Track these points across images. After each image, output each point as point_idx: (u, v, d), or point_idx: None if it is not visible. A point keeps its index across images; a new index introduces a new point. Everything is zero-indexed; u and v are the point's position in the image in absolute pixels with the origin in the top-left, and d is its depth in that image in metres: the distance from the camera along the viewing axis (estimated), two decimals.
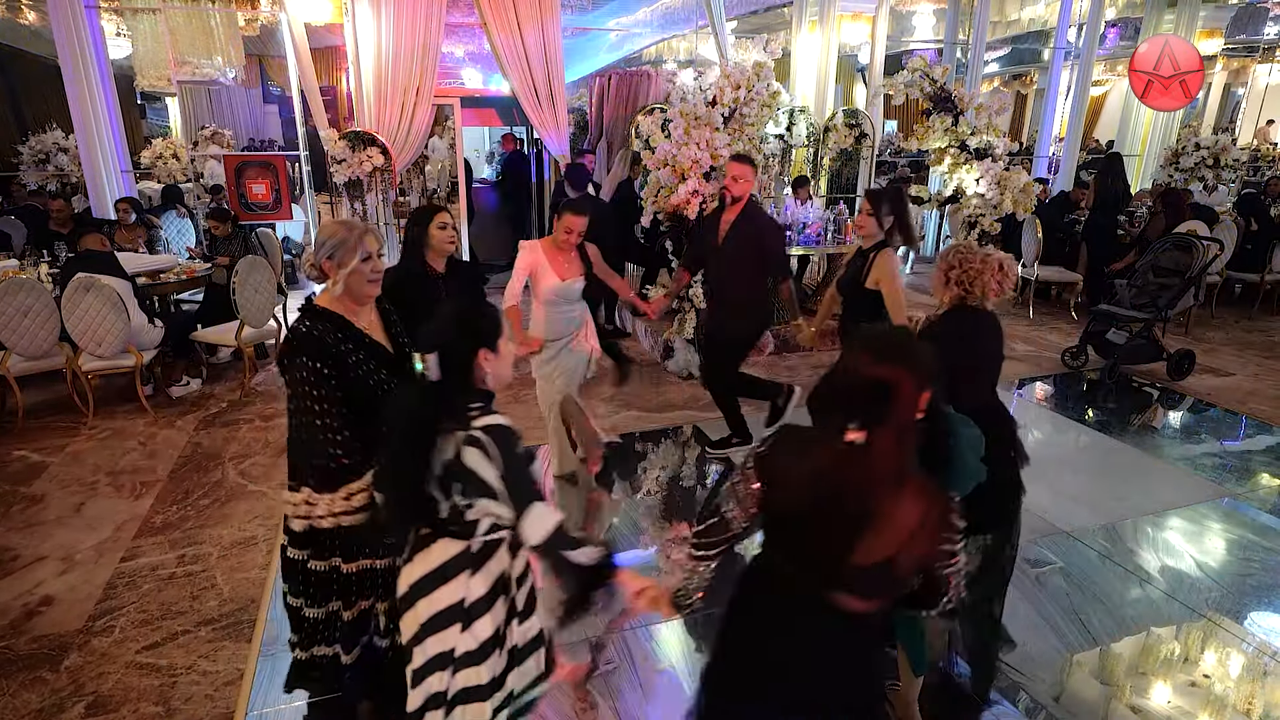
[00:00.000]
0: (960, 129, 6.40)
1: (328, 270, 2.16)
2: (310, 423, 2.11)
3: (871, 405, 1.45)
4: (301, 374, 2.09)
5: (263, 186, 7.75)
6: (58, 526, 3.97)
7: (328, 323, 2.15)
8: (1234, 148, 9.78)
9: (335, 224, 2.21)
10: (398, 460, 1.84)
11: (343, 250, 2.13)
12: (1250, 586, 3.51)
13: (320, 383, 2.09)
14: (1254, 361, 6.79)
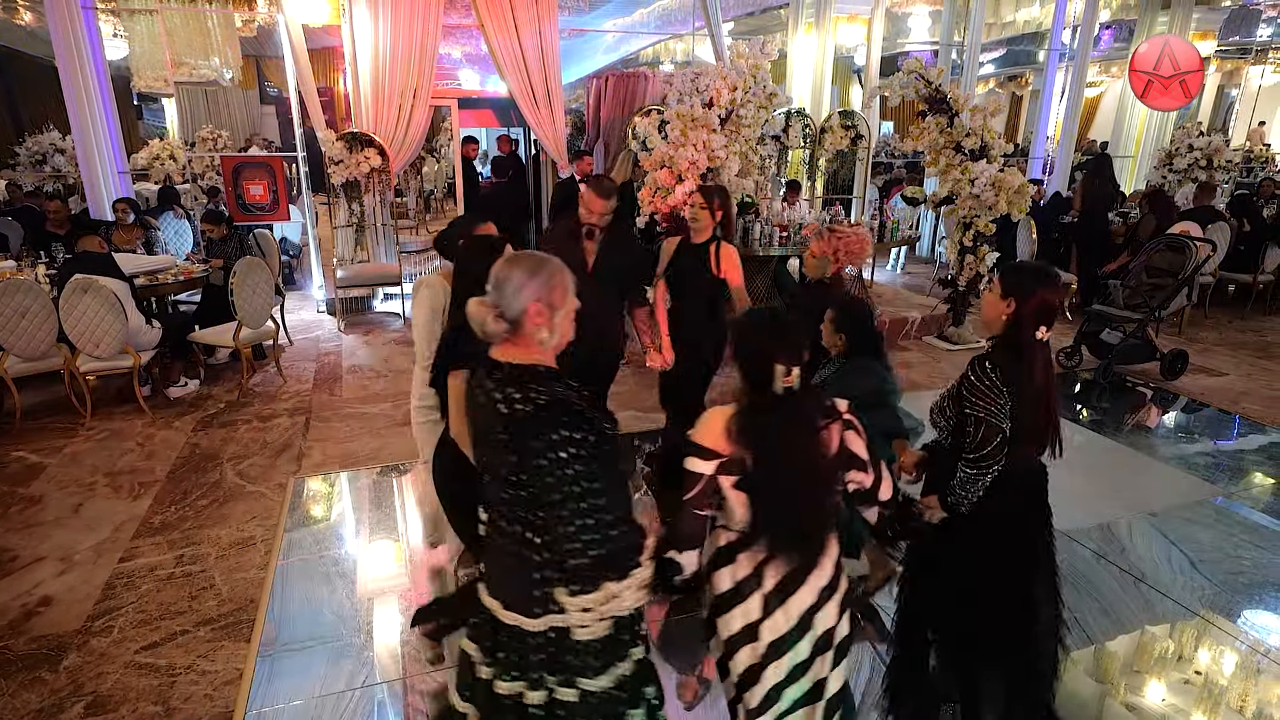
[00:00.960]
0: (955, 130, 6.43)
1: (538, 317, 1.68)
2: (593, 505, 1.59)
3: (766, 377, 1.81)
4: (568, 450, 1.57)
5: (260, 188, 7.75)
6: (56, 527, 3.98)
7: (554, 382, 1.66)
8: (1227, 149, 9.82)
9: (523, 258, 1.72)
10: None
11: (555, 288, 1.70)
12: (1243, 585, 3.53)
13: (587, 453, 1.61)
14: (1247, 361, 6.83)
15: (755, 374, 1.82)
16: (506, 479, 1.65)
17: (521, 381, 1.64)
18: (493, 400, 1.65)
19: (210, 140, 10.57)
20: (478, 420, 1.74)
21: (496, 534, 1.77)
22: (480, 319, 1.67)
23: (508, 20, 7.43)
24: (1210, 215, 7.81)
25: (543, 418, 1.58)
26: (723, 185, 4.41)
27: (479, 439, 1.77)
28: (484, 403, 1.68)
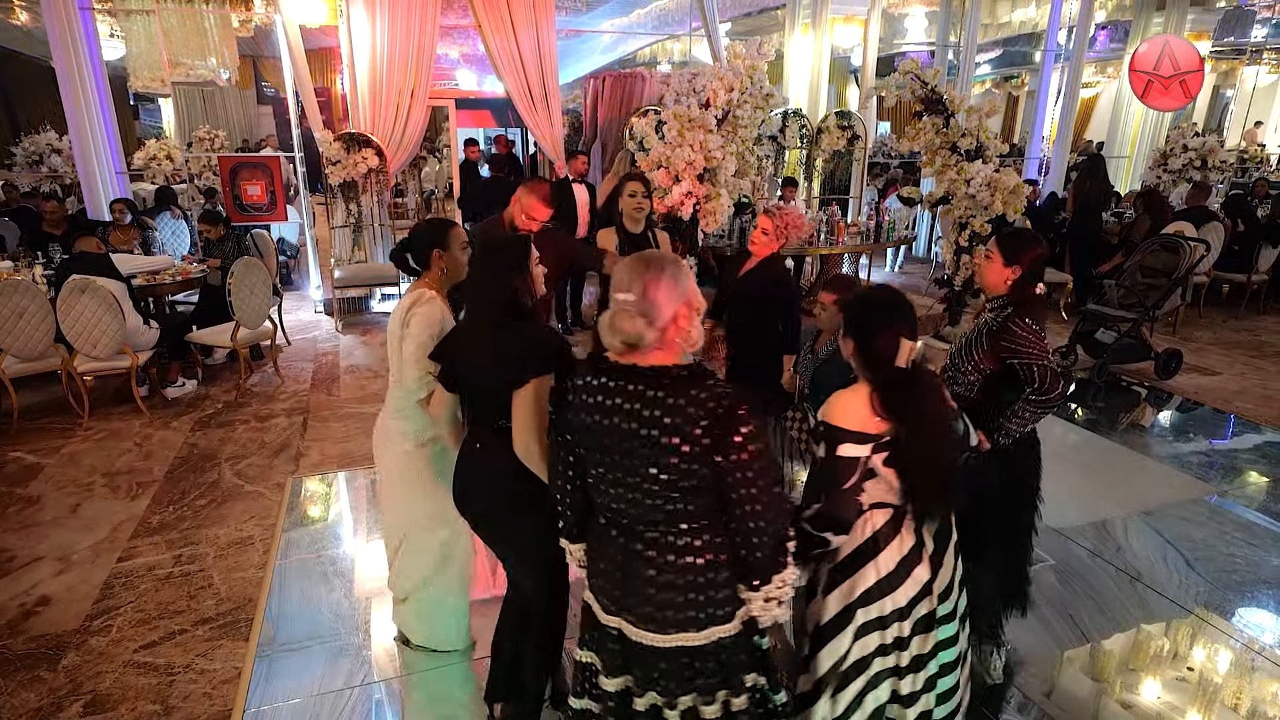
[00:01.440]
0: (951, 131, 6.45)
1: (684, 320, 1.64)
2: (768, 497, 1.65)
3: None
4: (750, 449, 1.60)
5: (258, 188, 7.74)
6: (54, 527, 3.98)
7: (718, 383, 1.65)
8: (1221, 149, 9.86)
9: (653, 260, 1.65)
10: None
11: (694, 290, 1.69)
12: (1237, 583, 3.55)
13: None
14: (1240, 360, 6.86)
15: (882, 350, 1.90)
16: (663, 490, 1.62)
17: (686, 386, 1.60)
18: (648, 406, 1.58)
19: (207, 140, 10.56)
20: (600, 433, 1.65)
21: (627, 551, 1.71)
22: (633, 331, 1.58)
23: (505, 20, 7.44)
24: (1204, 215, 7.84)
25: (731, 419, 1.57)
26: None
27: (604, 453, 1.67)
28: (629, 410, 1.60)
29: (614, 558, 1.74)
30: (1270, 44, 13.59)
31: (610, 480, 1.69)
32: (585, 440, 1.70)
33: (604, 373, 1.66)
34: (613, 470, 1.67)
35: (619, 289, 1.61)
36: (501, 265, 2.18)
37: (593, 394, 1.65)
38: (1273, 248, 8.31)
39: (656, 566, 1.69)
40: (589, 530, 1.85)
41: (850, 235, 8.16)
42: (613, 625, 1.77)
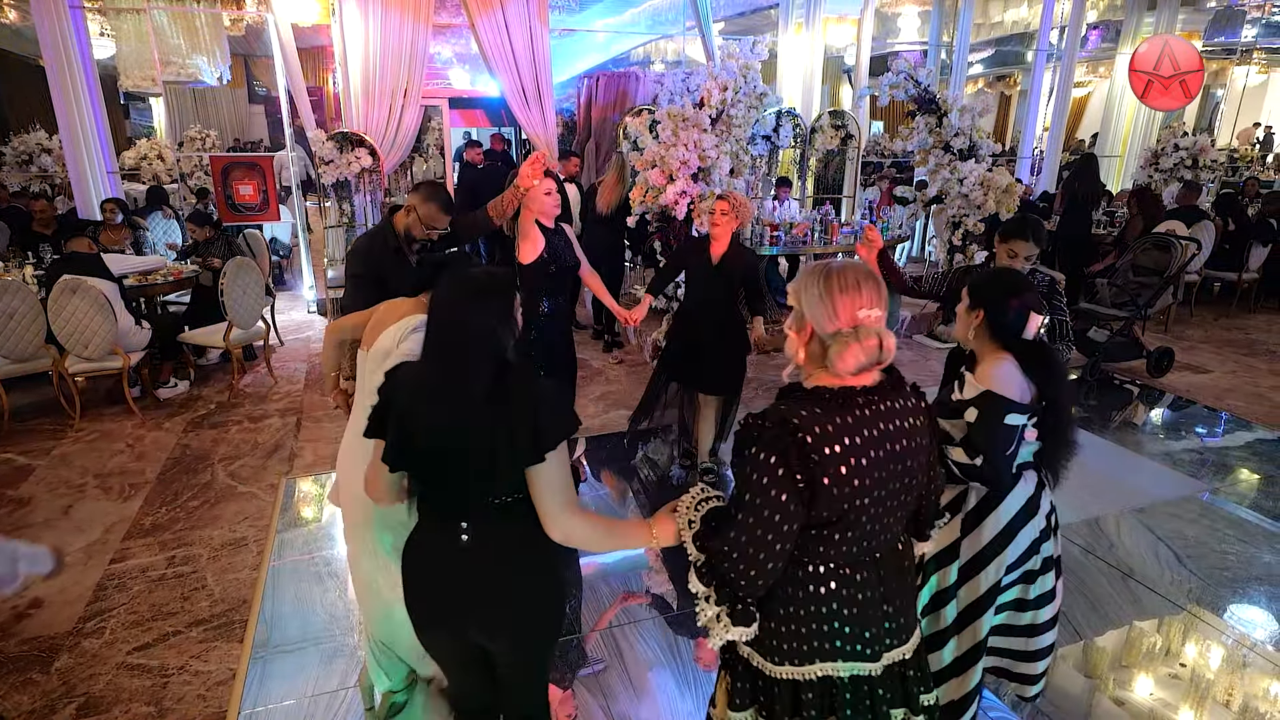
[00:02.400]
0: (944, 130, 6.47)
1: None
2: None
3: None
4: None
5: (250, 188, 7.72)
6: (45, 529, 3.95)
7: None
8: (1212, 149, 9.92)
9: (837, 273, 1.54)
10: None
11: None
12: (1228, 580, 3.57)
13: None
14: (1232, 359, 6.90)
15: (1014, 324, 2.11)
16: (914, 499, 1.62)
17: (907, 392, 1.59)
18: (907, 416, 1.57)
19: (199, 140, 10.52)
20: (878, 464, 1.52)
21: (891, 577, 1.62)
22: (890, 349, 1.50)
23: (498, 19, 7.43)
24: (1195, 214, 7.88)
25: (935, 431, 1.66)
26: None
27: (878, 485, 1.55)
28: (899, 429, 1.55)
29: (878, 588, 1.59)
30: (1260, 44, 13.66)
31: (888, 510, 1.55)
32: (866, 483, 1.49)
33: (862, 400, 1.52)
34: (884, 499, 1.53)
35: (867, 304, 1.49)
36: (490, 314, 1.74)
37: (874, 423, 1.51)
38: (1263, 246, 8.37)
39: (910, 563, 1.71)
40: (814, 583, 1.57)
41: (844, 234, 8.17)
42: (883, 665, 1.61)
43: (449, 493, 1.79)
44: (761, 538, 1.45)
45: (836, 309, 1.49)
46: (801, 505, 1.45)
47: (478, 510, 1.77)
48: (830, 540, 1.52)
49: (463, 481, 1.74)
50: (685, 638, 3.15)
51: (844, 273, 1.51)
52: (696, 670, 2.96)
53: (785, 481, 1.44)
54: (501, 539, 1.80)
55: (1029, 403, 2.09)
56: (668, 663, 3.00)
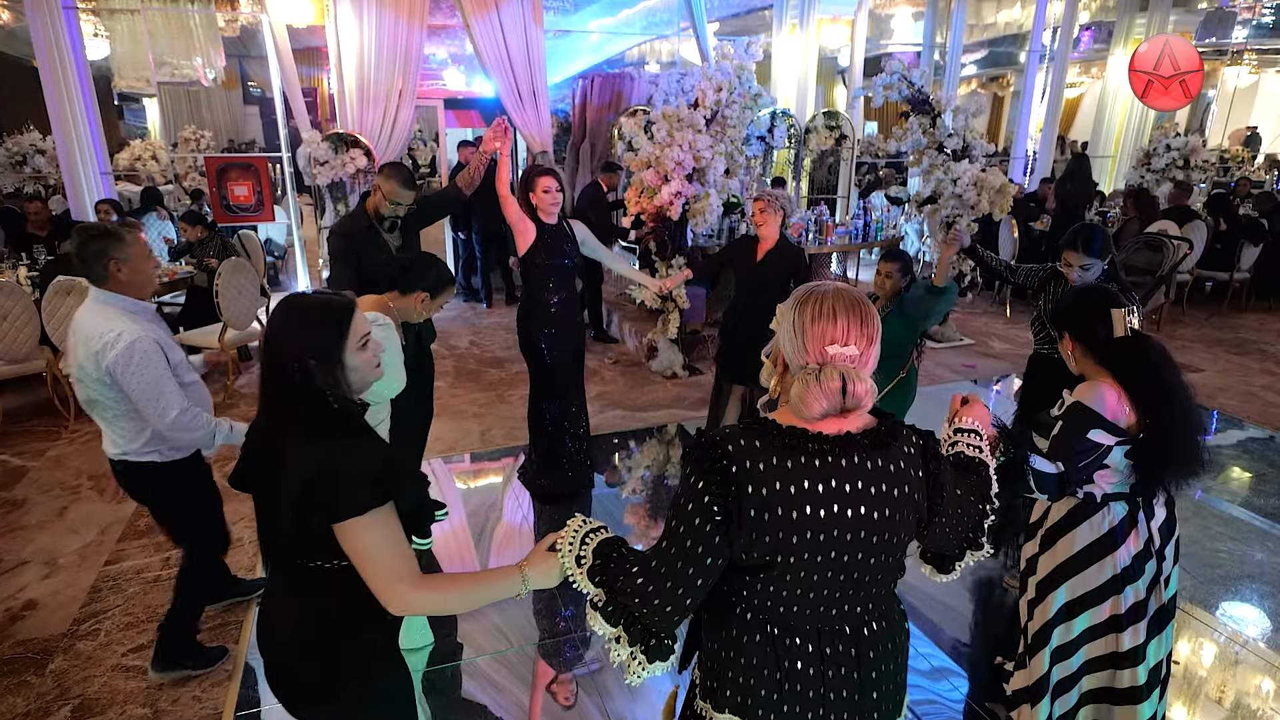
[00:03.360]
0: (937, 131, 6.50)
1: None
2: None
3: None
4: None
5: (244, 188, 7.70)
6: (40, 531, 3.95)
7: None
8: (1204, 149, 9.97)
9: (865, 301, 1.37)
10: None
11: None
12: (1221, 577, 3.60)
13: None
14: (1223, 358, 6.94)
15: (1098, 332, 2.07)
16: (896, 564, 1.41)
17: (900, 447, 1.38)
18: (883, 480, 1.33)
19: (193, 141, 10.49)
20: (848, 524, 1.31)
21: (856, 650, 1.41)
22: (863, 393, 1.29)
23: (493, 20, 7.43)
24: (1187, 214, 7.93)
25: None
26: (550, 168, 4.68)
27: (844, 549, 1.34)
28: (868, 493, 1.32)
29: (819, 668, 1.38)
30: (1251, 45, 13.74)
31: (833, 580, 1.35)
32: (792, 539, 1.29)
33: (816, 448, 1.30)
34: (826, 568, 1.33)
35: (840, 340, 1.30)
36: (309, 344, 1.49)
37: (826, 478, 1.30)
38: (1254, 246, 8.41)
39: (885, 658, 1.45)
40: (792, 655, 1.39)
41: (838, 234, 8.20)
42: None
43: (262, 535, 1.62)
44: (679, 570, 1.30)
45: (805, 340, 1.31)
46: (722, 538, 1.29)
47: (279, 562, 1.61)
48: (755, 589, 1.36)
49: (265, 525, 1.59)
50: (682, 637, 3.15)
51: (824, 298, 1.32)
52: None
53: (706, 509, 1.28)
54: (299, 604, 1.59)
55: (1123, 427, 2.01)
56: None
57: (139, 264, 2.51)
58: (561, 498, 4.24)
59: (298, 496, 1.44)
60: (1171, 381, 2.02)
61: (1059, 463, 2.01)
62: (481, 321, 8.02)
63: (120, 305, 2.51)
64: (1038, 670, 2.24)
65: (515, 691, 2.84)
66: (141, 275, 2.54)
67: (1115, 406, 2.00)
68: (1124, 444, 2.02)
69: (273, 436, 1.54)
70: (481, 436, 5.14)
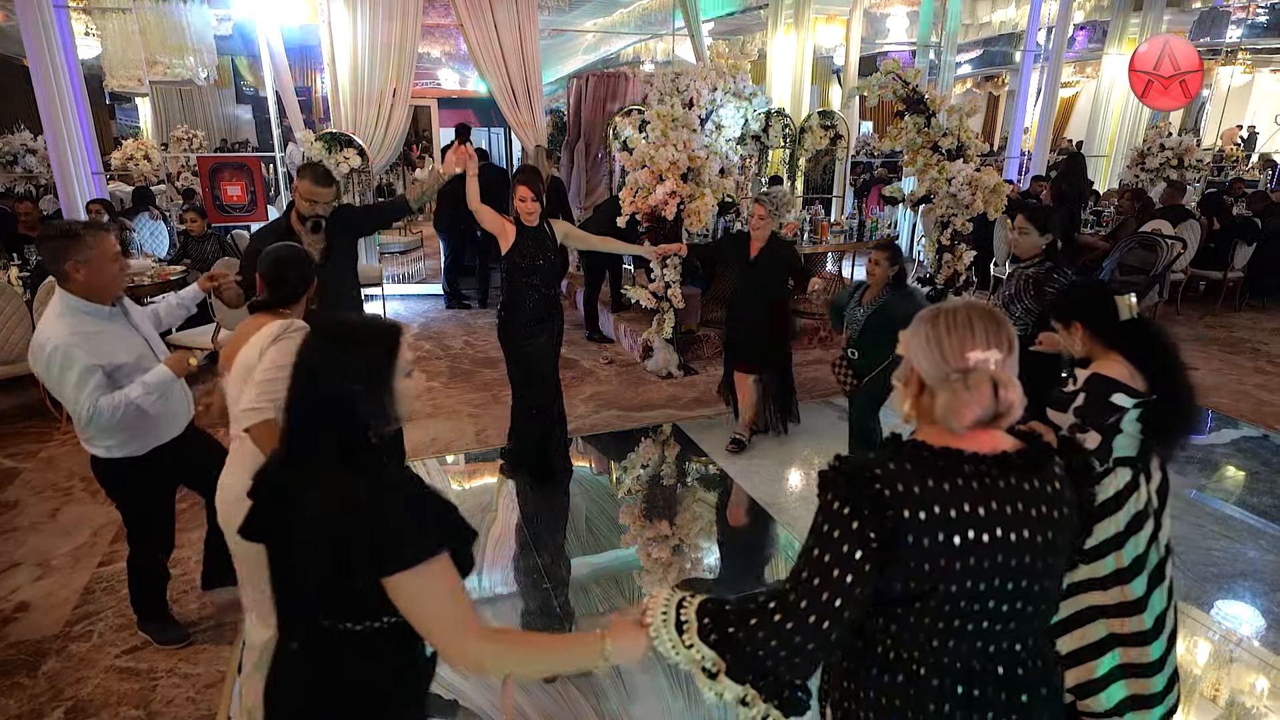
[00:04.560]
0: (932, 130, 6.49)
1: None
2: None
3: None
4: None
5: (238, 188, 7.67)
6: (32, 532, 3.92)
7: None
8: (1198, 149, 10.00)
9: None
10: None
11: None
12: (1215, 576, 3.61)
13: None
14: (1217, 357, 6.96)
15: (1104, 315, 2.30)
16: (1053, 596, 1.36)
17: (1046, 469, 1.33)
18: (1038, 502, 1.29)
19: (185, 140, 10.45)
20: (994, 551, 1.25)
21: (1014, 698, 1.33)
22: (1010, 401, 1.24)
23: (487, 19, 7.41)
24: (1181, 214, 7.95)
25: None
26: (534, 167, 4.80)
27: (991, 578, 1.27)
28: (1024, 514, 1.27)
29: (978, 708, 1.31)
30: (1245, 44, 13.79)
31: (990, 611, 1.28)
32: (956, 565, 1.24)
33: (971, 469, 1.26)
34: (995, 597, 1.27)
35: (977, 345, 1.26)
36: (351, 373, 1.36)
37: (987, 500, 1.25)
38: (1248, 245, 8.44)
39: (1040, 702, 1.35)
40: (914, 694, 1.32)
41: (833, 234, 8.20)
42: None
43: (277, 590, 1.46)
44: (824, 601, 1.23)
45: (944, 352, 1.27)
46: (872, 568, 1.23)
47: (295, 620, 1.45)
48: (907, 622, 1.30)
49: (285, 582, 1.44)
50: None
51: (955, 311, 1.30)
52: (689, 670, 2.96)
53: (857, 537, 1.22)
54: (316, 671, 1.43)
55: (1142, 390, 2.23)
56: (660, 665, 3.00)
57: (101, 265, 2.48)
58: (545, 484, 4.40)
59: (334, 547, 1.29)
60: (1174, 352, 2.26)
61: (1089, 431, 2.24)
62: (475, 322, 8.00)
63: (65, 308, 2.51)
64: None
65: (483, 688, 2.79)
66: (102, 278, 2.51)
67: (1128, 377, 2.24)
68: (1139, 405, 2.22)
69: (293, 479, 1.38)
70: (476, 437, 5.13)
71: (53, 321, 2.50)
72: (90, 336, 2.52)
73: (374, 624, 1.38)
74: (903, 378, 1.38)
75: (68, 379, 2.48)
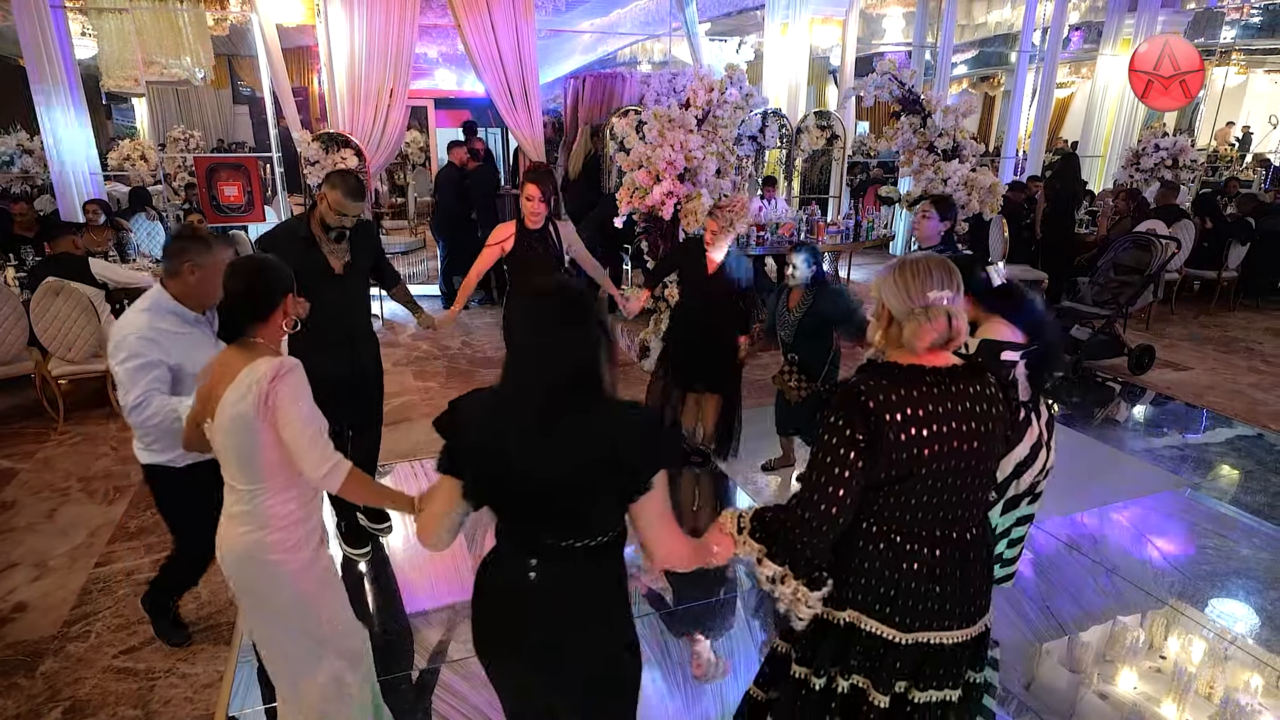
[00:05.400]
0: (928, 130, 6.51)
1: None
2: None
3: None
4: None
5: (235, 188, 7.66)
6: (29, 533, 3.92)
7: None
8: (1192, 149, 10.03)
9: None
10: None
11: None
12: (1209, 574, 3.63)
13: None
14: (1211, 356, 6.99)
15: (982, 284, 2.68)
16: (989, 479, 1.78)
17: (983, 376, 1.75)
18: (980, 402, 1.69)
19: (182, 140, 10.44)
20: (947, 438, 1.65)
21: (958, 554, 1.75)
22: (960, 329, 1.69)
23: (484, 19, 7.41)
24: (1175, 213, 7.98)
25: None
26: (549, 169, 4.78)
27: (948, 458, 1.66)
28: (970, 411, 1.68)
29: (930, 565, 1.72)
30: (1239, 45, 13.83)
31: (949, 487, 1.70)
32: (925, 453, 1.64)
33: (931, 379, 1.67)
34: (955, 478, 1.69)
35: (935, 286, 1.65)
36: (581, 321, 1.57)
37: (943, 401, 1.66)
38: (1242, 245, 8.48)
39: (981, 559, 1.81)
40: (886, 552, 1.73)
41: (829, 234, 8.22)
42: (912, 639, 1.75)
43: (524, 528, 1.65)
44: (830, 493, 1.63)
45: (909, 292, 1.66)
46: (865, 462, 1.63)
47: (549, 550, 1.61)
48: (887, 502, 1.70)
49: (541, 519, 1.60)
50: (676, 637, 3.16)
51: (917, 262, 1.70)
52: (687, 670, 2.97)
53: (850, 441, 1.62)
54: (571, 585, 1.64)
55: (1024, 343, 2.56)
56: (659, 662, 3.01)
57: (211, 276, 2.49)
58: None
59: (603, 468, 1.54)
60: (1040, 308, 2.60)
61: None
62: (472, 322, 8.00)
63: (153, 303, 2.57)
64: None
65: (474, 698, 2.79)
66: (207, 287, 2.55)
67: (1010, 335, 2.57)
68: (1024, 356, 2.56)
69: (544, 425, 1.54)
70: None
71: (137, 313, 2.55)
72: (168, 335, 2.56)
73: (605, 538, 1.63)
74: (875, 312, 1.77)
75: (129, 365, 2.48)
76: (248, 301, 2.01)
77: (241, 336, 2.01)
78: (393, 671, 2.91)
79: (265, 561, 2.07)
